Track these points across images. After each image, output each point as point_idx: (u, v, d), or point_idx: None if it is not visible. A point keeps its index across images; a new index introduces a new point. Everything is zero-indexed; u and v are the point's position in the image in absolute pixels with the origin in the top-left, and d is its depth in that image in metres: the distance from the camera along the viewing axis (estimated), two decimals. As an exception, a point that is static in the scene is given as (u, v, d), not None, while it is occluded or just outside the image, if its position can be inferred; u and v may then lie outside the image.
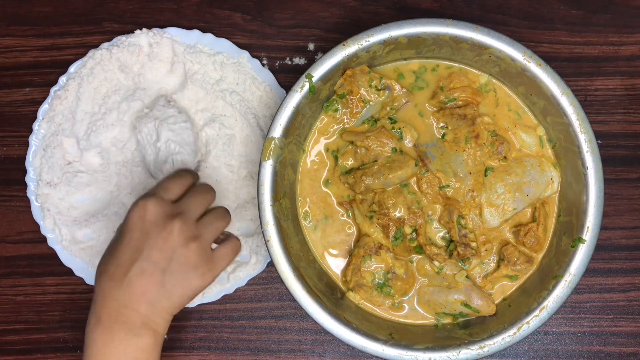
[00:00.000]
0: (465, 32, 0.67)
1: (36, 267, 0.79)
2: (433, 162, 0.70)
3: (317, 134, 0.72)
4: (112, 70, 0.77)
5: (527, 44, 0.68)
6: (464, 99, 0.71)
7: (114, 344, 0.60)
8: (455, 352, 0.66)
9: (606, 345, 0.78)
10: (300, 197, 0.72)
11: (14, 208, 0.80)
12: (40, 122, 0.77)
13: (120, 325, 0.60)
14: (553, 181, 0.71)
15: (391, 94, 0.71)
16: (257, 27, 0.80)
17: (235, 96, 0.77)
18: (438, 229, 0.71)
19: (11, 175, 0.80)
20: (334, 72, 0.68)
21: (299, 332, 0.79)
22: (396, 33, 0.68)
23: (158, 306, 0.61)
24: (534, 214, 0.71)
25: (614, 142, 0.80)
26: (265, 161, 0.67)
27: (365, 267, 0.69)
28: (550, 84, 0.68)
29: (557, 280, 0.67)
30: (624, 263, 0.79)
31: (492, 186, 0.70)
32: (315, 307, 0.66)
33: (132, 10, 0.81)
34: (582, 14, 0.81)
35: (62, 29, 0.81)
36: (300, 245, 0.70)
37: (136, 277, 0.60)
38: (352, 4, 0.81)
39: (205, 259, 0.63)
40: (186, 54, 0.77)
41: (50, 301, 0.79)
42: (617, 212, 0.79)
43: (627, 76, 0.80)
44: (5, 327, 0.79)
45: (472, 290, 0.70)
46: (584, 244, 0.67)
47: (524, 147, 0.72)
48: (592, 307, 0.79)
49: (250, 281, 0.77)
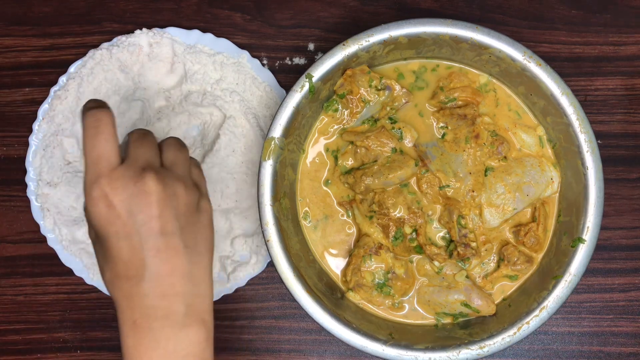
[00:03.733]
0: (465, 32, 0.67)
1: (36, 267, 0.79)
2: (433, 162, 0.70)
3: (317, 134, 0.72)
4: (112, 70, 0.77)
5: (527, 44, 0.68)
6: (464, 99, 0.71)
7: (159, 345, 0.51)
8: (455, 352, 0.66)
9: (606, 345, 0.78)
10: (300, 197, 0.72)
11: (14, 208, 0.80)
12: (40, 122, 0.77)
13: (162, 321, 0.51)
14: (553, 181, 0.71)
15: (391, 94, 0.71)
16: (257, 27, 0.81)
17: (235, 96, 0.77)
18: (438, 229, 0.71)
19: (11, 175, 0.80)
20: (334, 72, 0.68)
21: (299, 332, 0.79)
22: (396, 33, 0.68)
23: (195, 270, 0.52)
24: (534, 214, 0.71)
25: (614, 142, 0.80)
26: (265, 161, 0.67)
27: (365, 267, 0.69)
28: (550, 84, 0.68)
29: (557, 280, 0.67)
30: (624, 263, 0.79)
31: (492, 186, 0.70)
32: (315, 307, 0.66)
33: (132, 10, 0.81)
34: (582, 14, 0.81)
35: (62, 29, 0.81)
36: (300, 245, 0.70)
37: (154, 259, 0.51)
38: (352, 4, 0.81)
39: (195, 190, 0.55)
40: (186, 54, 0.77)
41: (50, 301, 0.79)
42: (617, 212, 0.79)
43: (627, 76, 0.80)
44: (6, 327, 0.79)
45: (472, 290, 0.70)
46: (584, 244, 0.67)
47: (524, 147, 0.72)
48: (592, 307, 0.79)
49: (250, 281, 0.77)
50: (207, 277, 0.54)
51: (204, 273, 0.53)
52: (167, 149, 0.56)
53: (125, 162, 0.52)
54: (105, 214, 0.51)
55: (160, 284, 0.51)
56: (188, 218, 0.53)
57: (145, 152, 0.53)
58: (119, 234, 0.51)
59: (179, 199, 0.52)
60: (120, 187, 0.50)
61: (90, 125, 0.52)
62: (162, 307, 0.51)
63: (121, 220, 0.50)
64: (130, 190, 0.51)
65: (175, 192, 0.52)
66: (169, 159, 0.55)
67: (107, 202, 0.50)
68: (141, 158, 0.53)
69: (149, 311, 0.51)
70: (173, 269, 0.51)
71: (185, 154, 0.57)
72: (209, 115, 0.77)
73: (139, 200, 0.50)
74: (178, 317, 0.51)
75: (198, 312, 0.52)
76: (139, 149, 0.54)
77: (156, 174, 0.51)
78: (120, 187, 0.50)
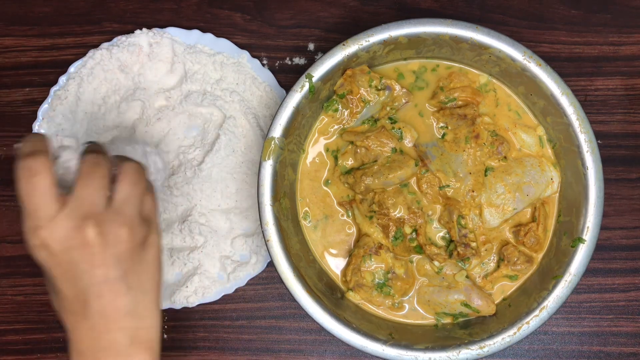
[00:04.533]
0: (465, 32, 0.67)
1: (36, 267, 0.78)
2: (433, 162, 0.70)
3: (317, 134, 0.72)
4: (112, 70, 0.77)
5: (527, 44, 0.68)
6: (464, 99, 0.71)
7: None
8: (455, 352, 0.66)
9: (606, 345, 0.78)
10: (300, 197, 0.72)
11: (14, 208, 0.80)
12: (40, 122, 0.77)
13: (106, 351, 0.52)
14: (553, 181, 0.71)
15: (391, 94, 0.71)
16: (257, 27, 0.81)
17: (235, 96, 0.77)
18: (438, 229, 0.71)
19: (11, 175, 0.79)
20: (334, 72, 0.68)
21: (299, 332, 0.79)
22: (396, 33, 0.68)
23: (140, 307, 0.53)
24: (534, 214, 0.71)
25: (614, 142, 0.80)
26: (265, 161, 0.67)
27: (365, 267, 0.69)
28: (550, 84, 0.68)
29: (557, 280, 0.67)
30: (624, 263, 0.79)
31: (492, 186, 0.70)
32: (315, 307, 0.66)
33: (132, 10, 0.81)
34: (582, 14, 0.81)
35: (62, 29, 0.81)
36: (300, 245, 0.70)
37: (97, 301, 0.51)
38: (352, 4, 0.81)
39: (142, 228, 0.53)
40: (186, 54, 0.77)
41: (50, 301, 0.79)
42: (617, 212, 0.79)
43: (627, 76, 0.80)
44: (5, 327, 0.79)
45: (472, 290, 0.70)
46: (584, 244, 0.67)
47: (524, 147, 0.72)
48: (592, 307, 0.79)
49: (250, 281, 0.77)
50: (153, 310, 0.54)
51: (150, 307, 0.54)
52: (121, 182, 0.53)
53: (67, 206, 0.51)
54: (47, 259, 0.51)
55: (104, 321, 0.52)
56: (132, 259, 0.53)
57: (91, 194, 0.51)
58: (62, 277, 0.52)
59: (122, 244, 0.52)
60: (60, 238, 0.50)
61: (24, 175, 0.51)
62: (106, 339, 0.52)
63: (62, 268, 0.51)
64: (71, 241, 0.50)
65: (118, 238, 0.51)
66: (120, 197, 0.53)
67: (48, 250, 0.51)
68: (86, 202, 0.51)
69: (93, 342, 0.52)
70: (116, 309, 0.52)
71: (140, 188, 0.54)
72: (209, 115, 0.77)
73: (80, 251, 0.51)
74: (122, 347, 0.52)
75: (143, 341, 0.53)
76: (85, 189, 0.51)
77: (97, 224, 0.51)
78: (60, 239, 0.50)
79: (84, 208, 0.51)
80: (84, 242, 0.50)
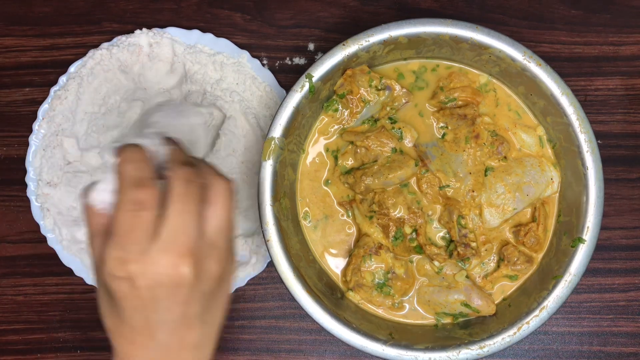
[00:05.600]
0: (465, 32, 0.67)
1: (36, 267, 0.79)
2: (433, 162, 0.70)
3: (317, 134, 0.72)
4: (112, 70, 0.77)
5: (527, 44, 0.68)
6: (464, 99, 0.71)
7: None
8: (455, 352, 0.66)
9: (606, 345, 0.78)
10: (300, 197, 0.72)
11: (14, 208, 0.80)
12: (40, 122, 0.77)
13: None
14: (553, 181, 0.71)
15: (391, 94, 0.71)
16: (257, 27, 0.81)
17: (235, 96, 0.77)
18: (438, 229, 0.71)
19: (11, 175, 0.80)
20: (334, 72, 0.68)
21: (299, 332, 0.79)
22: (396, 33, 0.68)
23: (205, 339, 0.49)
24: (534, 214, 0.71)
25: (614, 142, 0.80)
26: (265, 161, 0.67)
27: (365, 267, 0.69)
28: (550, 84, 0.68)
29: (557, 280, 0.67)
30: (624, 263, 0.79)
31: (492, 186, 0.70)
32: (315, 307, 0.66)
33: (132, 10, 0.81)
34: (582, 14, 0.81)
35: (62, 29, 0.81)
36: (300, 245, 0.70)
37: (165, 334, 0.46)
38: (352, 4, 0.81)
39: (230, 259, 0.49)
40: (186, 54, 0.77)
41: (50, 301, 0.79)
42: (617, 212, 0.79)
43: (627, 76, 0.80)
44: (5, 327, 0.79)
45: (472, 290, 0.70)
46: (584, 244, 0.67)
47: (524, 147, 0.72)
48: (592, 307, 0.79)
49: (250, 281, 0.77)
50: (213, 340, 0.51)
51: (213, 338, 0.50)
52: (215, 206, 0.47)
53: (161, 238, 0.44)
54: (125, 291, 0.45)
55: (166, 353, 0.47)
56: (214, 294, 0.48)
57: (187, 224, 0.45)
58: (136, 308, 0.46)
59: (212, 281, 0.47)
60: (151, 275, 0.44)
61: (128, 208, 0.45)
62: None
63: (140, 301, 0.45)
64: (162, 279, 0.45)
65: (210, 275, 0.47)
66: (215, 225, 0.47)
67: (131, 283, 0.45)
68: (181, 234, 0.45)
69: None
70: (182, 343, 0.47)
71: (233, 214, 0.48)
72: (209, 115, 0.77)
73: (167, 288, 0.45)
74: None
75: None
76: (180, 218, 0.45)
77: (195, 263, 0.45)
78: (151, 276, 0.44)
79: (180, 241, 0.45)
80: (176, 282, 0.45)
